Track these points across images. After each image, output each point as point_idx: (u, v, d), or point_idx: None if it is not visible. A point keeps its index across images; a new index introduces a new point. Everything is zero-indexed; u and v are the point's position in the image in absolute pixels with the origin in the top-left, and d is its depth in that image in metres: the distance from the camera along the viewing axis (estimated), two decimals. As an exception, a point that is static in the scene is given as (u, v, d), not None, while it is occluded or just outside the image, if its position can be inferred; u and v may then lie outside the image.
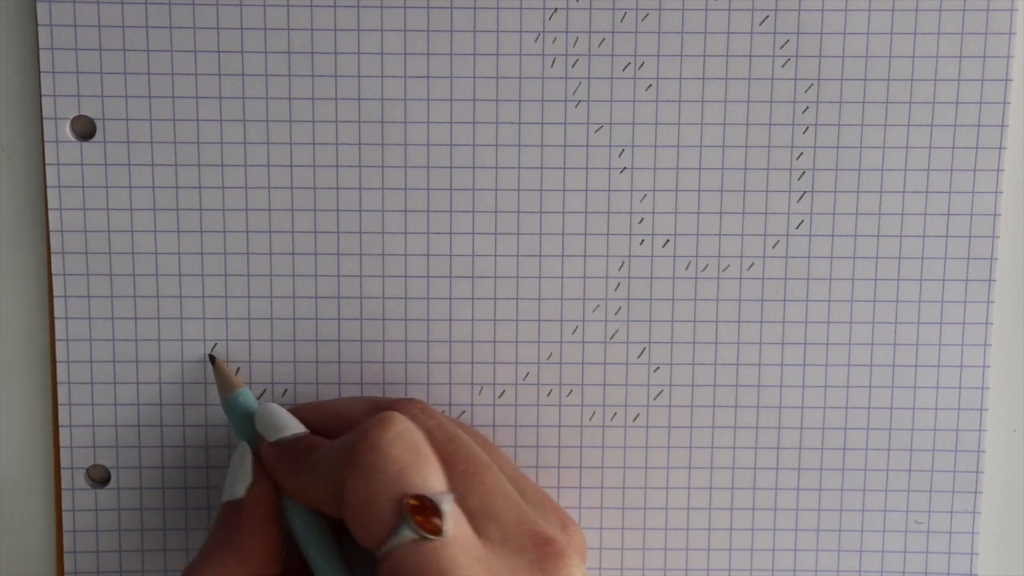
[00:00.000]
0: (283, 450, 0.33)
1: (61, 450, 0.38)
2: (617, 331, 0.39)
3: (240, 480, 0.34)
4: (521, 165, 0.38)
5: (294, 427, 0.34)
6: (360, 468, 0.30)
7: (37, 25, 0.36)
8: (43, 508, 0.39)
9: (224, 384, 0.36)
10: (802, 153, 0.38)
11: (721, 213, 0.38)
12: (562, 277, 0.38)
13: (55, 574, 0.40)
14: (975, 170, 0.38)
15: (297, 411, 0.35)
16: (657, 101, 0.38)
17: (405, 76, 0.37)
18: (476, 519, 0.31)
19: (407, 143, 0.38)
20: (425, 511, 0.29)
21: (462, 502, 0.31)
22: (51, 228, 0.37)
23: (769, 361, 0.39)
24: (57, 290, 0.38)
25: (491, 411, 0.39)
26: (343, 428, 0.34)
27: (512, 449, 0.39)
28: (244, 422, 0.35)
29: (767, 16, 0.37)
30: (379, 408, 0.34)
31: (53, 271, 0.38)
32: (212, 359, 0.38)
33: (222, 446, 0.39)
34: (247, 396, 0.36)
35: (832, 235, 0.38)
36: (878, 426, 0.39)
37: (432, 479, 0.30)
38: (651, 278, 0.38)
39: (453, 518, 0.29)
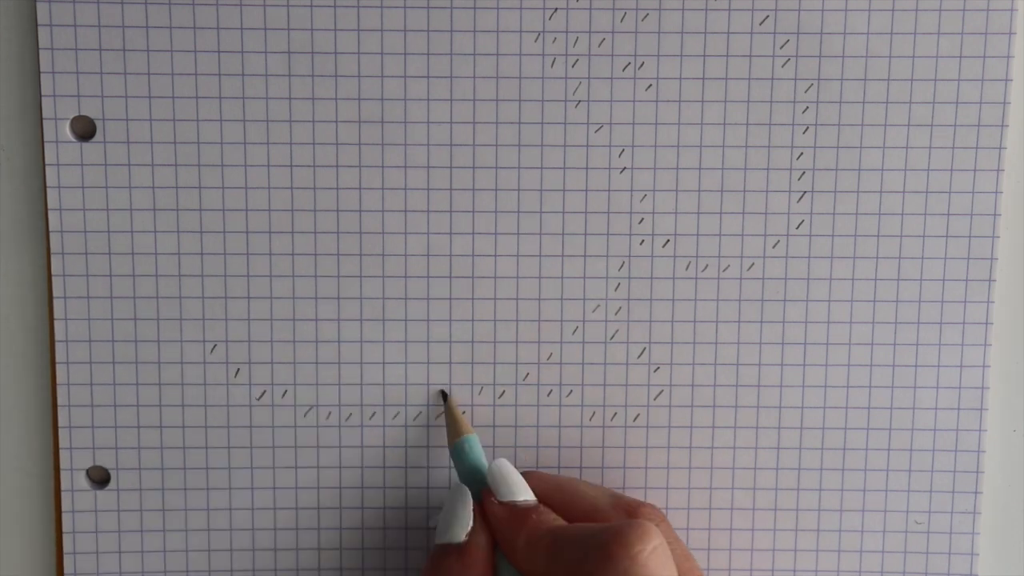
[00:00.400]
0: (514, 514, 0.34)
1: (61, 451, 0.38)
2: (617, 331, 0.39)
3: (462, 524, 0.34)
4: (521, 165, 0.38)
5: (525, 493, 0.35)
6: (614, 573, 0.30)
7: (37, 25, 0.36)
8: (43, 509, 0.39)
9: (452, 427, 0.37)
10: (802, 153, 0.38)
11: (721, 213, 0.38)
12: (562, 277, 0.38)
13: (55, 575, 0.40)
14: (975, 170, 0.38)
15: (528, 477, 0.36)
16: (657, 101, 0.38)
17: (405, 76, 0.37)
18: None
19: (407, 143, 0.37)
20: None
21: None
22: (51, 229, 0.37)
23: (769, 361, 0.39)
24: (57, 291, 0.38)
25: (491, 411, 0.39)
26: (581, 515, 0.35)
27: (512, 449, 0.39)
28: (471, 471, 0.36)
29: (767, 16, 0.37)
30: (623, 505, 0.35)
31: (53, 272, 0.38)
32: (444, 396, 0.38)
33: (222, 447, 0.39)
34: (474, 444, 0.36)
35: (832, 235, 0.38)
36: (878, 426, 0.39)
37: None
38: (651, 278, 0.38)
39: None
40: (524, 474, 0.36)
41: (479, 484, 0.35)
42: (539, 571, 0.33)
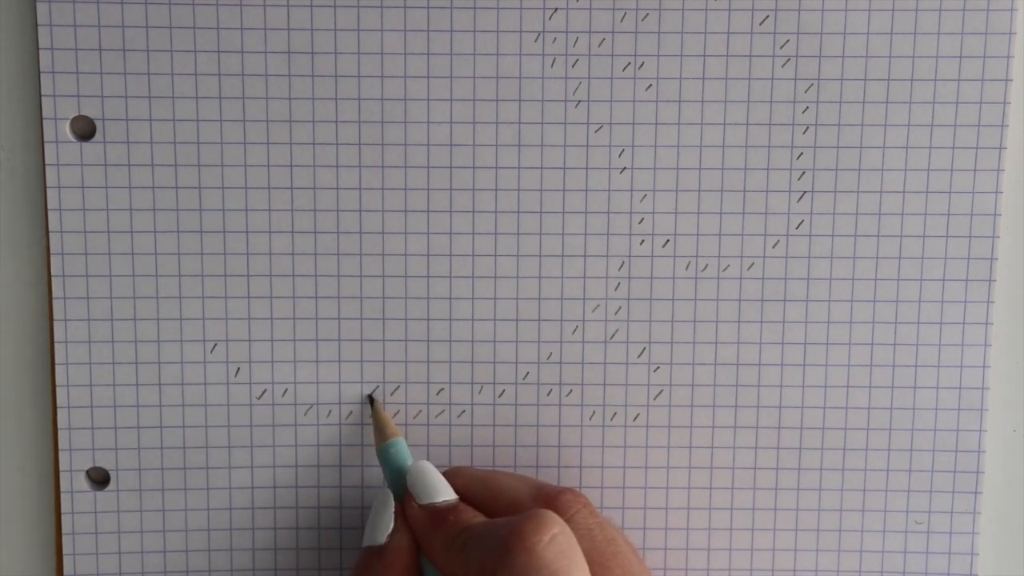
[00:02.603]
0: (432, 515, 0.34)
1: (60, 452, 0.38)
2: (617, 331, 0.39)
3: (382, 527, 0.35)
4: (521, 165, 0.38)
5: (445, 493, 0.35)
6: (513, 567, 0.30)
7: (37, 25, 0.36)
8: (43, 510, 0.39)
9: (380, 431, 0.37)
10: (802, 153, 0.38)
11: (721, 213, 0.38)
12: (562, 277, 0.38)
13: (54, 575, 0.40)
14: (975, 170, 0.38)
15: (453, 475, 0.36)
16: (657, 101, 0.38)
17: (405, 76, 0.37)
18: None
19: (407, 143, 0.38)
20: None
21: None
22: (51, 229, 0.37)
23: (769, 361, 0.39)
24: (56, 291, 0.38)
25: (491, 411, 0.39)
26: (503, 508, 0.35)
27: (512, 449, 0.39)
28: (396, 475, 0.36)
29: (767, 16, 0.37)
30: (544, 494, 0.35)
31: (52, 272, 0.38)
32: (371, 400, 0.38)
33: (222, 447, 0.39)
34: (401, 448, 0.36)
35: (832, 235, 0.38)
36: (878, 426, 0.39)
37: None
38: (651, 278, 0.38)
39: None
40: (450, 472, 0.36)
41: (404, 487, 0.35)
42: (456, 571, 0.33)
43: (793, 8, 0.37)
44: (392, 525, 0.35)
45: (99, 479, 0.39)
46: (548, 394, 0.39)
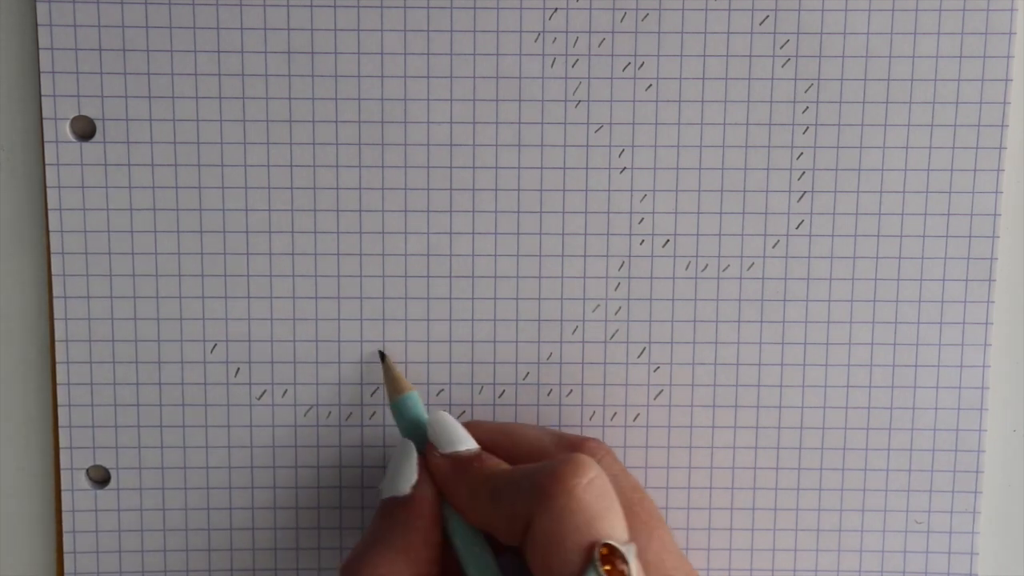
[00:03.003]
0: (456, 464, 0.34)
1: (61, 451, 0.38)
2: (617, 331, 0.39)
3: (405, 478, 0.34)
4: (521, 165, 0.38)
5: (467, 442, 0.34)
6: (552, 510, 0.30)
7: (37, 25, 0.36)
8: (43, 508, 0.39)
9: (392, 385, 0.37)
10: (802, 153, 0.38)
11: (721, 213, 0.38)
12: (562, 277, 0.38)
13: (55, 574, 0.40)
14: (975, 170, 0.38)
15: (472, 427, 0.35)
16: (657, 101, 0.38)
17: (405, 76, 0.37)
18: (649, 571, 0.32)
19: (407, 143, 0.37)
20: (613, 560, 0.29)
21: (640, 552, 0.32)
22: (51, 228, 0.37)
23: (769, 361, 0.39)
24: (57, 291, 0.38)
25: (491, 411, 0.39)
26: (525, 456, 0.34)
27: (512, 449, 0.39)
28: (413, 427, 0.35)
29: (767, 16, 0.37)
30: (566, 444, 0.35)
31: (53, 271, 0.38)
32: (382, 356, 0.38)
33: (222, 447, 0.39)
34: (415, 401, 0.36)
35: (832, 235, 0.38)
36: (878, 426, 0.39)
37: (620, 529, 0.30)
38: (651, 278, 0.38)
39: (636, 569, 0.30)
40: (469, 424, 0.36)
41: (422, 439, 0.35)
42: (485, 519, 0.32)
43: (793, 8, 0.37)
44: (416, 476, 0.34)
45: (99, 478, 0.39)
46: (548, 394, 0.39)
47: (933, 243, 0.38)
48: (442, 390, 0.39)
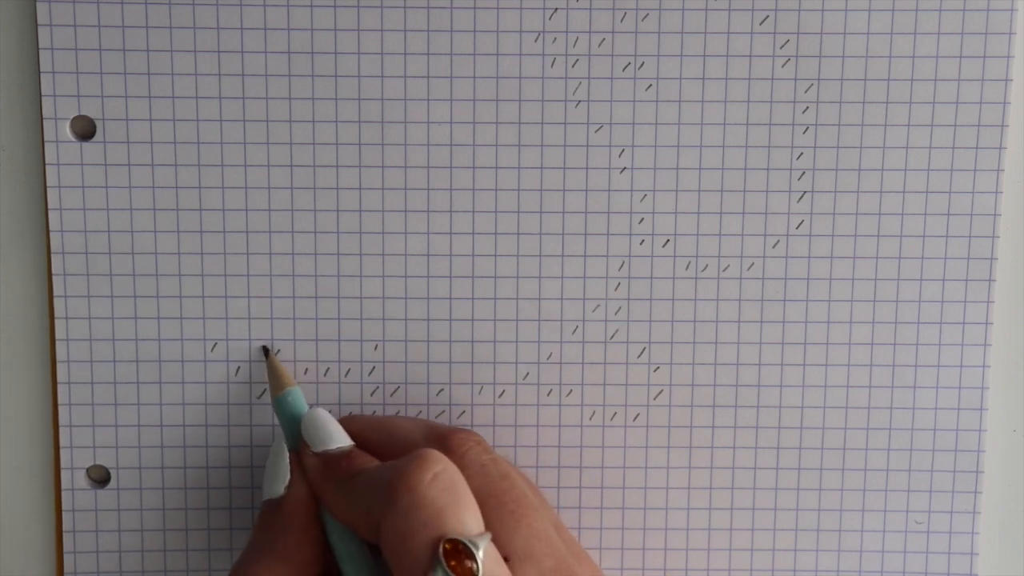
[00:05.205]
0: (326, 463, 0.34)
1: (61, 450, 0.38)
2: (617, 331, 0.39)
3: (280, 478, 0.34)
4: (521, 165, 0.38)
5: (340, 439, 0.34)
6: (397, 508, 0.30)
7: (37, 25, 0.36)
8: (43, 508, 0.39)
9: (275, 381, 0.36)
10: (802, 153, 0.38)
11: (721, 213, 0.38)
12: (562, 277, 0.38)
13: (55, 574, 0.40)
14: (975, 170, 0.38)
15: (349, 422, 0.35)
16: (657, 101, 0.38)
17: (405, 76, 0.37)
18: (516, 561, 0.31)
19: (407, 143, 0.37)
20: (459, 554, 0.29)
21: (507, 542, 0.31)
22: (51, 228, 0.37)
23: (769, 361, 0.39)
24: (57, 290, 0.38)
25: (491, 411, 0.39)
26: (397, 449, 0.34)
27: (512, 449, 0.39)
28: (291, 424, 0.35)
29: (767, 16, 0.37)
30: (436, 435, 0.34)
31: (53, 271, 0.38)
32: (266, 351, 0.38)
33: (222, 446, 0.39)
34: (297, 397, 0.36)
35: (832, 235, 0.38)
36: (878, 426, 0.39)
37: (469, 521, 0.30)
38: (651, 278, 0.38)
39: (489, 561, 0.29)
40: (346, 419, 0.36)
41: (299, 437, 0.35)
42: (348, 518, 0.32)
43: (793, 8, 0.37)
44: (289, 476, 0.34)
45: (99, 477, 0.39)
46: (548, 394, 0.39)
47: (933, 243, 0.38)
48: (442, 390, 0.39)
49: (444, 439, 0.34)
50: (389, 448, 0.35)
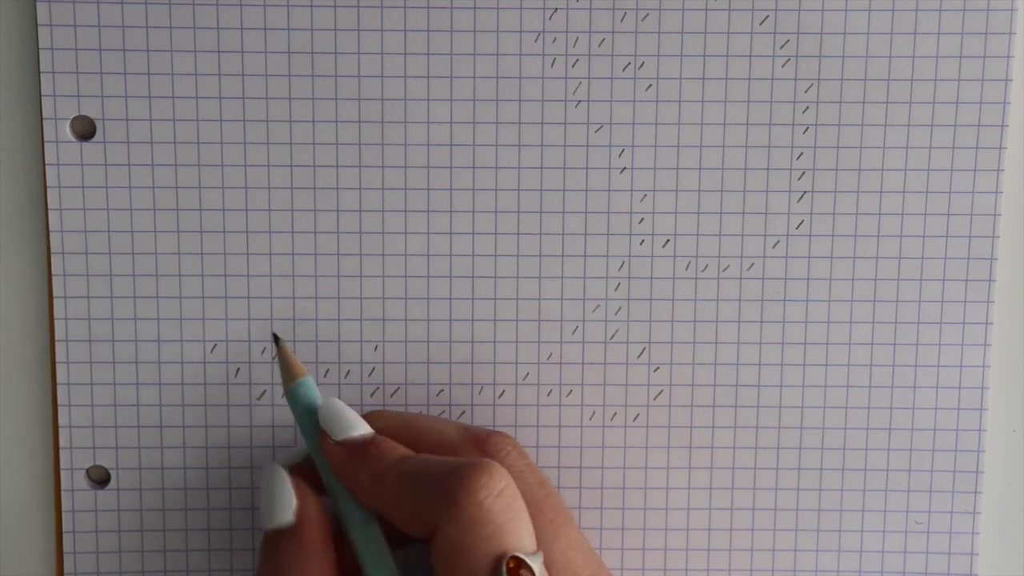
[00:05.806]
0: (352, 450, 0.33)
1: (61, 451, 0.38)
2: (617, 331, 0.39)
3: (284, 504, 0.33)
4: (521, 165, 0.38)
5: (360, 427, 0.33)
6: (459, 520, 0.29)
7: (37, 25, 0.36)
8: (43, 509, 0.39)
9: (287, 372, 0.35)
10: (802, 153, 0.38)
11: (721, 213, 0.38)
12: (562, 277, 0.38)
13: (55, 574, 0.40)
14: (975, 170, 0.38)
15: (375, 418, 0.35)
16: (657, 101, 0.38)
17: (405, 76, 0.37)
18: (555, 570, 0.31)
19: (407, 143, 0.38)
20: (519, 573, 0.29)
21: (545, 552, 0.31)
22: (51, 228, 0.37)
23: (769, 361, 0.39)
24: (57, 291, 0.38)
25: (491, 411, 0.39)
26: (429, 449, 0.34)
27: (512, 449, 0.39)
28: (307, 415, 0.34)
29: (767, 16, 0.37)
30: (472, 437, 0.34)
31: (53, 271, 0.38)
32: (276, 340, 0.37)
33: (222, 447, 0.39)
34: (310, 387, 0.35)
35: (832, 235, 0.38)
36: (878, 426, 0.39)
37: (527, 539, 0.30)
38: (651, 278, 0.38)
39: None
40: (368, 415, 0.35)
41: (316, 428, 0.34)
42: (388, 509, 0.32)
43: (793, 8, 0.37)
44: (296, 500, 0.33)
45: (99, 478, 0.39)
46: (548, 394, 0.39)
47: (933, 243, 0.38)
48: (442, 390, 0.39)
49: (481, 443, 0.34)
50: (416, 447, 0.34)
